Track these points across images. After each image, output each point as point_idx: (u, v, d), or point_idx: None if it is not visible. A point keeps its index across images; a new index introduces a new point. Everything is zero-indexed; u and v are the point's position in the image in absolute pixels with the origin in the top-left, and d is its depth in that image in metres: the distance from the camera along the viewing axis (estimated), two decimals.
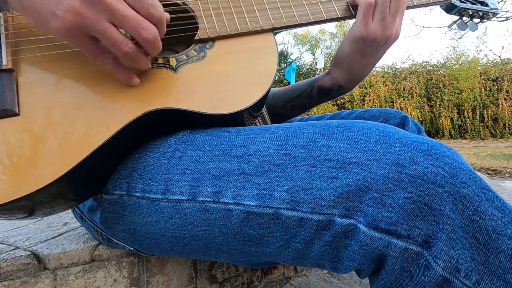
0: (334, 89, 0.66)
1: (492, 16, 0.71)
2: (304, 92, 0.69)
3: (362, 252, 0.31)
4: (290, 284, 0.81)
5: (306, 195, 0.32)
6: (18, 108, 0.38)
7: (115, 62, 0.39)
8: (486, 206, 0.28)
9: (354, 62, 0.60)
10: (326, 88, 0.66)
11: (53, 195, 0.38)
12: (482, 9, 0.69)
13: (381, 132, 0.32)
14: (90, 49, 0.38)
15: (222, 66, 0.46)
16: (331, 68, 0.65)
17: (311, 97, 0.69)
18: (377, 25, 0.55)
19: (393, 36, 0.57)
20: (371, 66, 0.61)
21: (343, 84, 0.64)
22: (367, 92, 10.67)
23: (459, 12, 0.69)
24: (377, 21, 0.55)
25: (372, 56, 0.58)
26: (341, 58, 0.61)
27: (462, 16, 0.71)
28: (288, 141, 0.35)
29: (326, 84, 0.66)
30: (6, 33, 0.40)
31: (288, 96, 0.72)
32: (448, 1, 0.65)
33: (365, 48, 0.57)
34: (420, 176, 0.29)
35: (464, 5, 0.67)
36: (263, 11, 0.52)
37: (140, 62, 0.40)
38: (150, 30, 0.37)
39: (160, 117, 0.43)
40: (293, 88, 0.73)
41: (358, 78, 0.63)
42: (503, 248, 0.27)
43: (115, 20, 0.36)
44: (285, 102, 0.72)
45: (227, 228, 0.36)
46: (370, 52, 0.58)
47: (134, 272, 0.54)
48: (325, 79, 0.66)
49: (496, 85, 10.08)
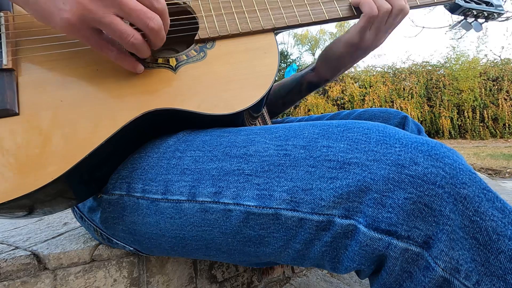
0: (321, 83, 0.73)
1: (497, 16, 0.71)
2: (293, 89, 0.75)
3: (362, 252, 0.31)
4: (290, 284, 0.81)
5: (306, 196, 0.32)
6: (18, 108, 0.38)
7: (120, 52, 0.41)
8: (486, 207, 0.28)
9: (342, 62, 0.66)
10: (314, 83, 0.72)
11: (52, 194, 0.38)
12: (487, 9, 0.69)
13: (381, 133, 0.32)
14: (95, 41, 0.39)
15: (222, 66, 0.46)
16: (319, 64, 0.69)
17: (300, 92, 0.75)
18: (372, 36, 0.60)
19: (378, 46, 0.63)
20: (352, 66, 0.68)
21: (329, 77, 0.71)
22: (367, 92, 10.66)
23: (463, 12, 0.69)
24: (373, 32, 0.59)
25: (358, 59, 0.65)
26: (330, 56, 0.66)
27: (466, 16, 0.71)
28: (288, 141, 0.35)
29: (314, 80, 0.71)
30: (7, 33, 0.40)
31: (277, 95, 0.78)
32: (453, 1, 0.65)
33: (356, 52, 0.63)
34: (420, 177, 0.29)
35: (469, 5, 0.67)
36: (264, 11, 0.52)
37: (144, 52, 0.41)
38: (156, 20, 0.38)
39: (159, 117, 0.43)
40: (281, 87, 0.78)
41: (342, 73, 0.71)
42: (503, 248, 0.27)
43: (122, 13, 0.37)
44: (275, 100, 0.78)
45: (227, 228, 0.36)
46: (357, 56, 0.64)
47: (134, 272, 0.54)
48: (311, 75, 0.71)
49: (496, 85, 10.08)
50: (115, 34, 0.37)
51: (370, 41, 0.60)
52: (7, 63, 0.39)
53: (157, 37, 0.40)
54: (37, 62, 0.41)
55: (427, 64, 11.24)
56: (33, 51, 0.41)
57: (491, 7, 0.70)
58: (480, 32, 0.73)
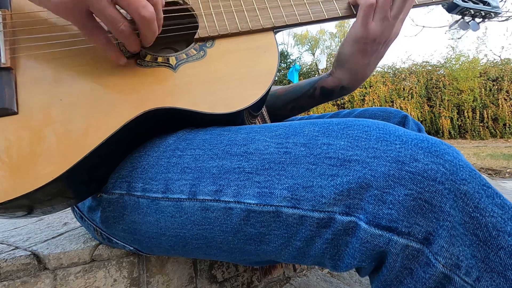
0: (336, 90, 0.66)
1: (494, 15, 0.71)
2: (306, 93, 0.69)
3: (362, 249, 0.31)
4: (290, 284, 0.81)
5: (306, 193, 0.32)
6: (17, 107, 0.38)
7: (108, 40, 0.41)
8: (486, 203, 0.28)
9: (356, 62, 0.60)
10: (329, 89, 0.66)
11: (52, 193, 0.38)
12: (484, 8, 0.69)
13: (381, 130, 0.32)
14: (85, 25, 0.39)
15: (222, 65, 0.46)
16: (334, 69, 0.65)
17: (313, 98, 0.69)
18: (378, 26, 0.55)
19: (392, 37, 0.57)
20: (373, 65, 0.61)
21: (345, 84, 0.64)
22: (367, 92, 10.67)
23: (461, 11, 0.69)
24: (377, 21, 0.55)
25: (373, 55, 0.59)
26: (342, 58, 0.61)
27: (464, 16, 0.71)
28: (289, 139, 0.35)
29: (329, 85, 0.66)
30: (5, 31, 0.40)
31: (288, 98, 0.72)
32: (450, 1, 0.65)
33: (366, 47, 0.57)
34: (420, 173, 0.29)
35: (466, 5, 0.67)
36: (264, 9, 0.52)
37: (131, 43, 0.41)
38: (148, 8, 0.38)
39: (159, 116, 0.43)
40: (294, 89, 0.72)
41: (361, 78, 0.63)
42: (503, 245, 0.27)
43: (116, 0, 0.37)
44: (285, 104, 0.72)
45: (227, 226, 0.36)
46: (371, 51, 0.58)
47: (134, 272, 0.54)
48: (327, 80, 0.66)
49: (496, 85, 10.08)
50: (106, 19, 0.38)
51: (378, 31, 0.55)
52: (6, 62, 0.39)
53: (148, 29, 0.40)
54: (36, 60, 0.41)
55: (427, 64, 11.26)
56: (32, 50, 0.41)
57: (488, 6, 0.70)
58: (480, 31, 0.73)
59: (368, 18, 0.55)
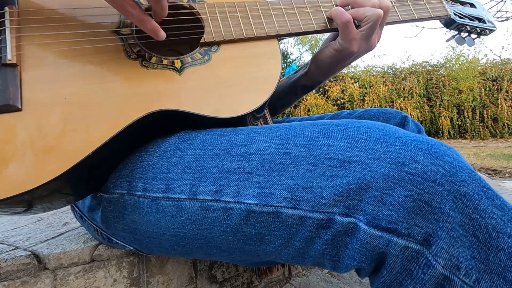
0: (315, 84, 0.72)
1: (489, 32, 0.75)
2: (288, 93, 0.75)
3: (362, 250, 0.31)
4: (290, 284, 0.81)
5: (306, 194, 0.32)
6: (21, 104, 0.38)
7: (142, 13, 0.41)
8: (486, 204, 0.28)
9: (335, 67, 0.64)
10: (309, 86, 0.72)
11: (53, 191, 0.39)
12: (479, 25, 0.72)
13: (381, 131, 0.32)
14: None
15: (227, 70, 0.47)
16: (311, 68, 0.68)
17: (296, 94, 0.75)
18: (364, 44, 0.56)
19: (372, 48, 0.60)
20: (346, 66, 0.66)
21: (322, 80, 0.70)
22: (367, 92, 10.67)
23: (457, 27, 0.72)
24: (364, 40, 0.56)
25: (351, 61, 0.63)
26: (322, 62, 0.64)
27: (460, 32, 0.74)
28: (289, 140, 0.35)
29: (308, 83, 0.71)
30: (12, 28, 0.40)
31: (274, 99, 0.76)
32: (448, 17, 0.67)
33: (349, 57, 0.60)
34: (420, 175, 0.29)
35: (463, 21, 0.70)
36: (269, 17, 0.53)
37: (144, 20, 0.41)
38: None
39: (163, 118, 0.43)
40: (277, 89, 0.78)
41: (336, 74, 0.70)
42: (503, 246, 0.27)
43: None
44: (274, 102, 0.77)
45: (227, 226, 0.36)
46: (352, 60, 0.62)
47: (134, 272, 0.54)
48: (305, 78, 0.70)
49: (496, 85, 10.08)
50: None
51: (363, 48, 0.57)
52: (12, 58, 0.39)
53: (158, 3, 0.41)
54: (41, 58, 0.41)
55: (427, 64, 11.25)
56: (38, 48, 0.41)
57: (483, 24, 0.73)
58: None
59: (349, 34, 0.55)
